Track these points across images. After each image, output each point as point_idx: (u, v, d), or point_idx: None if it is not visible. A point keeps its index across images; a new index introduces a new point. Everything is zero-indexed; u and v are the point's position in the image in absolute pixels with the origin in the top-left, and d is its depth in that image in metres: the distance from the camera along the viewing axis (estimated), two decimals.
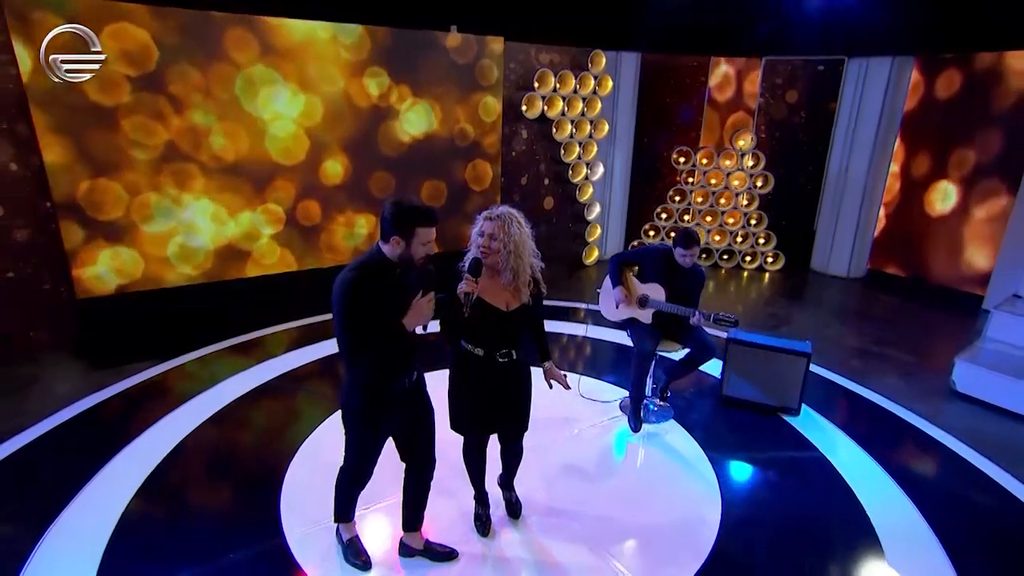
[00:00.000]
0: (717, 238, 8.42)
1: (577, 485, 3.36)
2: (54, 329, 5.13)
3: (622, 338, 4.78)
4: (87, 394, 4.39)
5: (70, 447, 3.73)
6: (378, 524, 2.93)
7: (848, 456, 3.70)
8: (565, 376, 2.68)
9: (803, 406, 4.11)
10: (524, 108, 7.20)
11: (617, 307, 3.82)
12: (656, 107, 8.34)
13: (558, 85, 7.30)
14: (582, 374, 4.59)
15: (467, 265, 2.30)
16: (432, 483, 2.61)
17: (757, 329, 5.90)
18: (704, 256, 8.46)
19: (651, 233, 8.64)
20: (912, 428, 4.11)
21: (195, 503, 3.25)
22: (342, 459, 2.48)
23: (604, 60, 7.52)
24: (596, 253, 8.50)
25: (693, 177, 8.36)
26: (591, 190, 8.10)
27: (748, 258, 8.34)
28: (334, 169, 6.15)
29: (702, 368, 4.72)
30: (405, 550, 2.73)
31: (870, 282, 7.96)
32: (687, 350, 3.86)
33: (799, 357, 3.94)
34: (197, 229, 5.40)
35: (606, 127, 7.82)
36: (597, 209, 8.22)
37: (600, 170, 8.04)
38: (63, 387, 4.53)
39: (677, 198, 8.42)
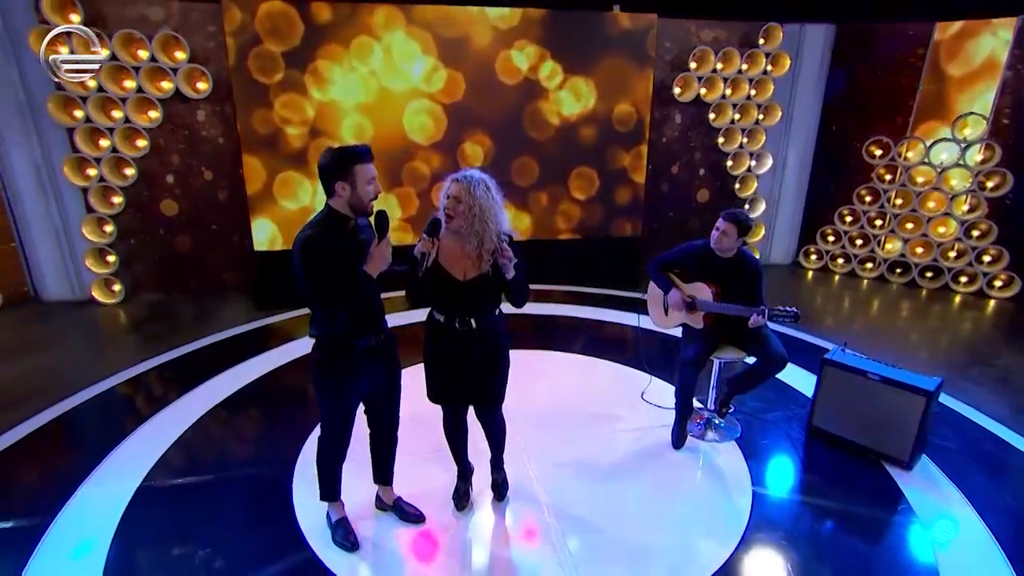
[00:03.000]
0: (920, 250, 6.77)
1: (581, 486, 3.05)
2: (238, 274, 6.38)
3: None
4: (238, 326, 5.40)
5: (205, 363, 4.61)
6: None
7: (969, 548, 2.65)
8: (507, 253, 2.27)
9: (921, 459, 3.13)
10: (678, 91, 6.65)
11: (667, 313, 3.37)
12: (852, 88, 6.98)
13: (720, 65, 6.58)
14: (653, 375, 4.13)
15: (426, 225, 2.26)
16: (431, 450, 2.61)
17: (937, 365, 4.68)
18: (899, 271, 6.88)
19: (831, 238, 7.32)
20: None
21: (247, 425, 3.78)
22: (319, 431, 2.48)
23: (782, 35, 6.54)
24: (757, 255, 7.49)
25: (894, 174, 6.83)
26: (755, 184, 7.17)
27: (963, 279, 6.54)
28: (474, 151, 6.43)
29: (799, 389, 3.99)
30: (379, 502, 2.81)
31: None
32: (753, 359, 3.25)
33: (915, 395, 2.99)
34: None
35: (779, 112, 6.82)
36: (762, 206, 7.24)
37: (768, 162, 7.06)
38: (230, 320, 5.62)
39: (868, 198, 6.98)
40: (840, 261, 7.29)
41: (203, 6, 5.54)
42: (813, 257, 7.47)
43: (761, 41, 6.59)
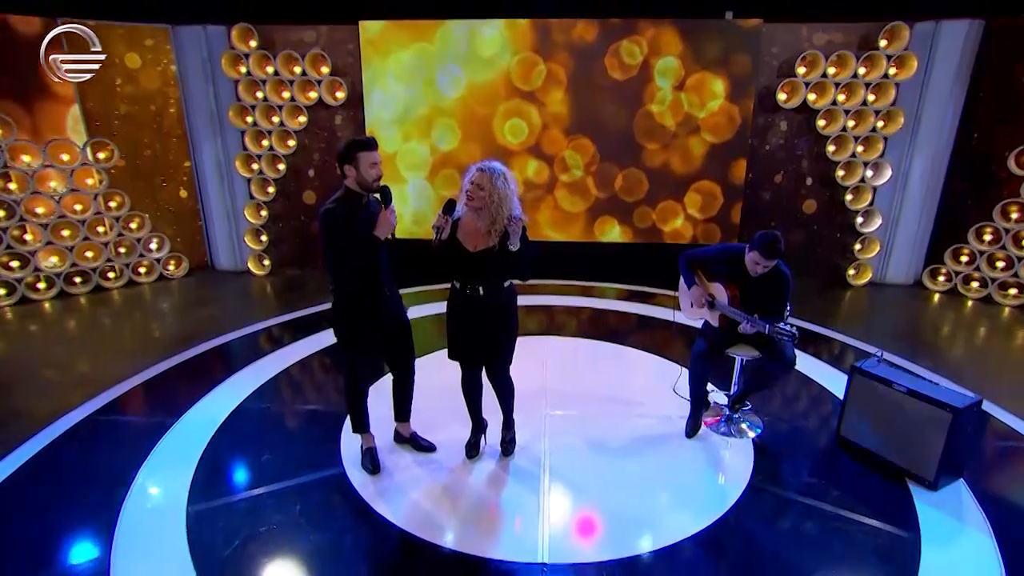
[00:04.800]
0: None
1: (584, 455, 3.31)
2: None
3: None
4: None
5: (316, 324, 5.54)
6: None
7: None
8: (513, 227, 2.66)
9: (957, 484, 2.91)
10: (783, 97, 6.44)
11: (692, 307, 3.47)
12: (1003, 92, 6.17)
13: (832, 69, 6.25)
14: (685, 368, 4.20)
15: (443, 205, 2.75)
16: (460, 411, 3.20)
17: None
18: None
19: (963, 258, 6.53)
20: None
21: (327, 371, 4.50)
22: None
23: (908, 34, 6.04)
24: (870, 273, 6.94)
25: None
26: (869, 196, 6.65)
27: None
28: (574, 160, 6.76)
29: (837, 395, 3.82)
30: (397, 436, 3.35)
31: None
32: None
33: (941, 410, 2.79)
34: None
35: (901, 119, 6.27)
36: (878, 220, 6.68)
37: (887, 172, 6.51)
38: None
39: (1015, 215, 6.13)
40: (975, 285, 6.47)
41: (344, 27, 6.60)
42: (941, 278, 6.71)
43: (883, 43, 6.13)
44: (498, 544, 2.61)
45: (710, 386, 3.80)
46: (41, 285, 6.34)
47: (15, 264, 6.15)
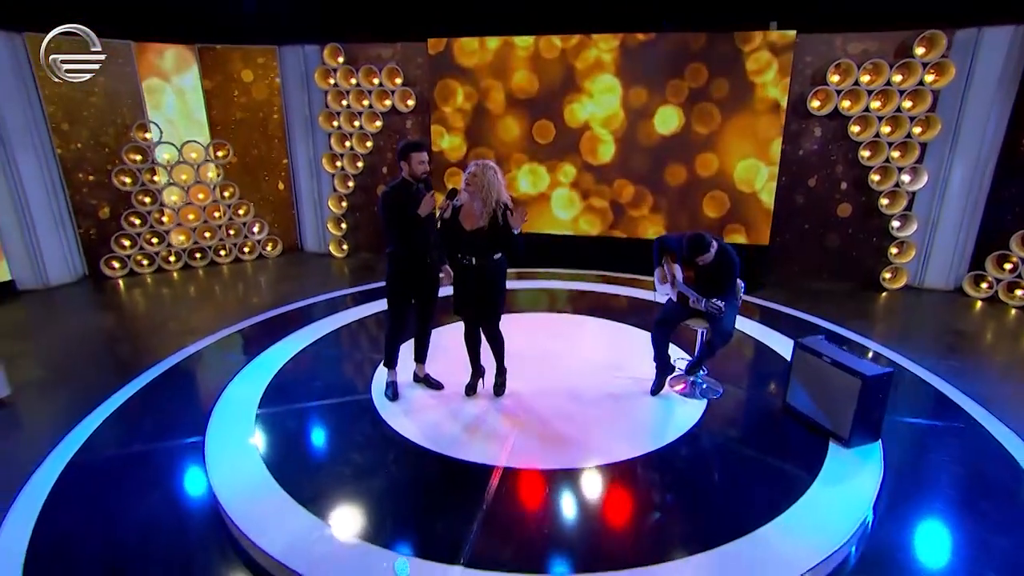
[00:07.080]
0: None
1: (557, 400, 4.01)
2: None
3: None
4: None
5: (378, 295, 6.58)
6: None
7: (831, 517, 2.85)
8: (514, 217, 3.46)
9: (874, 446, 3.34)
10: (815, 105, 6.70)
11: (662, 284, 4.07)
12: None
13: (866, 77, 6.45)
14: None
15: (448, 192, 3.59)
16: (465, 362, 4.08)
17: None
18: None
19: (1006, 266, 6.47)
20: None
21: (374, 329, 5.47)
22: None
23: (945, 42, 6.13)
24: (905, 278, 7.00)
25: None
26: (904, 201, 6.73)
27: None
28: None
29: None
30: (415, 376, 4.23)
31: None
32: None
33: (853, 377, 3.22)
34: None
35: (939, 125, 6.34)
36: (914, 225, 6.75)
37: (923, 178, 6.58)
38: None
39: None
40: (1019, 293, 6.40)
41: (415, 44, 7.65)
42: (983, 285, 6.65)
43: (920, 50, 6.25)
44: (472, 451, 3.41)
45: (681, 353, 4.40)
46: (172, 259, 7.90)
47: (155, 240, 7.73)
